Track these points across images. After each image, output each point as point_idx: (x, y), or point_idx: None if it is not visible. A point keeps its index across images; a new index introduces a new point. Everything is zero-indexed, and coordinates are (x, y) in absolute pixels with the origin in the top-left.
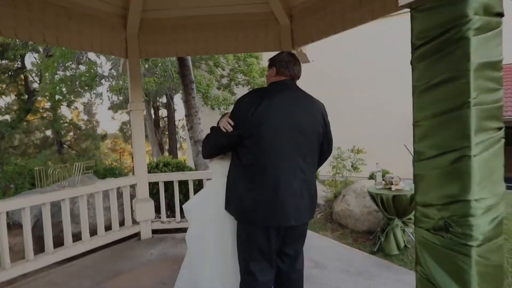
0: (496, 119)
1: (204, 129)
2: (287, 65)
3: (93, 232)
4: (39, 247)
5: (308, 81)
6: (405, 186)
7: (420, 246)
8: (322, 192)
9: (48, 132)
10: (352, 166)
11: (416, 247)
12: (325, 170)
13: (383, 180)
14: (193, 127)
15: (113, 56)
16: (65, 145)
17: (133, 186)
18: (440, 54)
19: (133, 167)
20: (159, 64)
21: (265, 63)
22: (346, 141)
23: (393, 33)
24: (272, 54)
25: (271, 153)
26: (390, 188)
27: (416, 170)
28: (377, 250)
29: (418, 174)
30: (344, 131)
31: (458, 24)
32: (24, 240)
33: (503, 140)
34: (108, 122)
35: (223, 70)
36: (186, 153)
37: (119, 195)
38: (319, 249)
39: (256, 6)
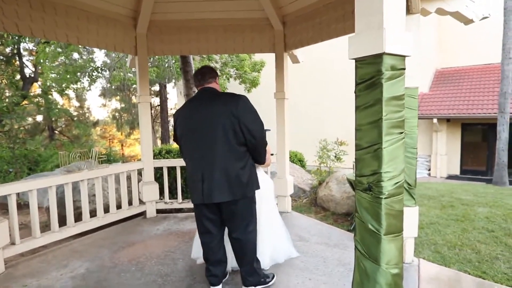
0: (399, 127)
1: None
2: (195, 79)
3: (105, 210)
4: (60, 222)
5: (299, 77)
6: None
7: (357, 201)
8: (308, 180)
9: (39, 118)
10: (335, 156)
11: (356, 202)
12: (311, 160)
13: None
14: None
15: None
16: (56, 131)
17: (140, 171)
18: (368, 90)
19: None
20: (156, 57)
21: (257, 59)
22: (332, 134)
23: None
24: (267, 55)
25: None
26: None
27: (356, 156)
28: (353, 228)
29: (357, 158)
30: (331, 124)
31: (376, 75)
32: (51, 215)
33: (403, 139)
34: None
35: (216, 63)
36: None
37: (128, 178)
38: (304, 227)
39: (253, 12)
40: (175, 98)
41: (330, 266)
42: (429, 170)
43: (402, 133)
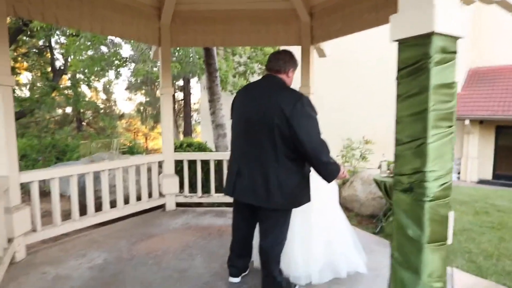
0: (448, 120)
1: (225, 114)
2: (267, 61)
3: (125, 201)
4: (81, 211)
5: (323, 70)
6: None
7: (395, 203)
8: None
9: (68, 110)
10: (360, 156)
11: (393, 203)
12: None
13: (388, 169)
14: (215, 112)
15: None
16: (83, 123)
17: (160, 163)
18: (413, 76)
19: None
20: (180, 51)
21: None
22: (357, 131)
23: None
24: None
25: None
26: (393, 176)
27: (396, 151)
28: (378, 231)
29: (396, 154)
30: (356, 121)
31: (424, 58)
32: (72, 203)
33: (452, 134)
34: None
35: (240, 57)
36: (199, 136)
37: (148, 170)
38: None
39: (279, 3)
40: (199, 93)
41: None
42: (459, 173)
43: (451, 126)
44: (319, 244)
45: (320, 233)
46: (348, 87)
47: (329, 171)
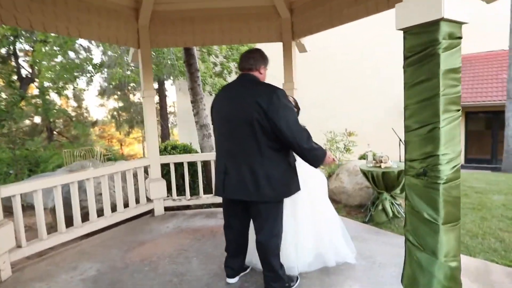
0: (456, 104)
1: (208, 114)
2: (239, 61)
3: (112, 209)
4: (66, 223)
5: (304, 67)
6: (393, 164)
7: (408, 188)
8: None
9: (37, 120)
10: (344, 148)
11: (405, 188)
12: None
13: (373, 159)
14: (198, 113)
15: (99, 44)
16: (55, 132)
17: (146, 167)
18: (422, 63)
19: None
20: (157, 53)
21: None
22: (339, 125)
23: (391, 23)
24: (272, 45)
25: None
26: (380, 166)
27: (406, 138)
28: (368, 220)
29: (407, 140)
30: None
31: (432, 45)
32: (57, 216)
33: (460, 117)
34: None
35: (217, 57)
36: (176, 139)
37: (134, 175)
38: None
39: (258, 0)
40: (174, 96)
41: None
42: None
43: (459, 110)
44: (308, 234)
45: (308, 224)
46: (327, 83)
47: (314, 156)
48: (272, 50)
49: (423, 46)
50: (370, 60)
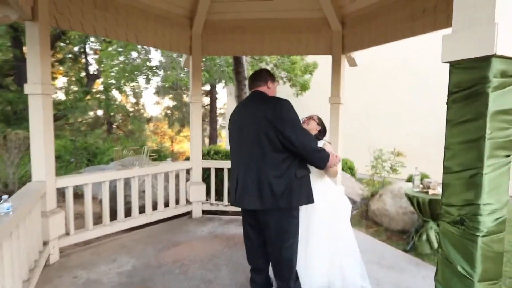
0: (506, 149)
1: None
2: (248, 82)
3: (153, 207)
4: (111, 216)
5: (351, 77)
6: None
7: (442, 235)
8: (359, 190)
9: (99, 112)
10: (391, 167)
11: (440, 235)
12: (362, 169)
13: (421, 183)
14: None
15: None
16: (113, 126)
17: (188, 170)
18: (468, 101)
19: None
20: (208, 61)
21: (309, 60)
22: (384, 141)
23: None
24: (320, 57)
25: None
26: (427, 192)
27: (444, 180)
28: (409, 249)
29: (445, 183)
30: (384, 131)
31: (481, 82)
32: (103, 208)
33: (510, 164)
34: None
35: (267, 64)
36: (224, 141)
37: (176, 177)
38: None
39: (310, 12)
40: (225, 98)
41: None
42: None
43: (509, 155)
44: (318, 254)
45: (320, 244)
46: (372, 95)
47: (319, 158)
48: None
49: (471, 83)
50: (418, 72)
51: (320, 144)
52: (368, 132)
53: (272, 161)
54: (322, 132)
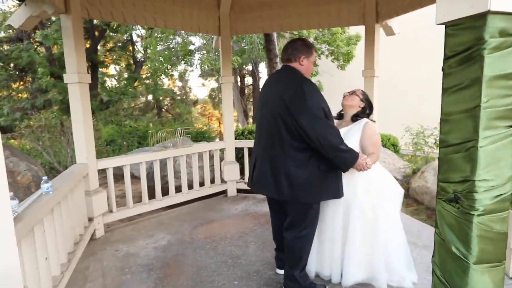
0: (506, 119)
1: None
2: (281, 53)
3: (189, 186)
4: (149, 195)
5: (396, 48)
6: None
7: (439, 213)
8: (401, 168)
9: (150, 97)
10: (435, 143)
11: (436, 214)
12: (408, 145)
13: None
14: None
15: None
16: (163, 110)
17: (222, 150)
18: (463, 66)
19: (219, 131)
20: (245, 37)
21: (351, 31)
22: (435, 116)
23: None
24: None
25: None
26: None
27: (440, 154)
28: None
29: (441, 157)
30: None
31: (476, 44)
32: (142, 188)
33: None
34: (198, 88)
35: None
36: None
37: (211, 157)
38: None
39: None
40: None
41: (417, 271)
42: None
43: (511, 126)
44: (358, 248)
45: (360, 237)
46: (418, 66)
47: (341, 158)
48: None
49: (467, 45)
50: None
51: (362, 122)
52: (417, 107)
53: (291, 149)
54: (368, 110)
